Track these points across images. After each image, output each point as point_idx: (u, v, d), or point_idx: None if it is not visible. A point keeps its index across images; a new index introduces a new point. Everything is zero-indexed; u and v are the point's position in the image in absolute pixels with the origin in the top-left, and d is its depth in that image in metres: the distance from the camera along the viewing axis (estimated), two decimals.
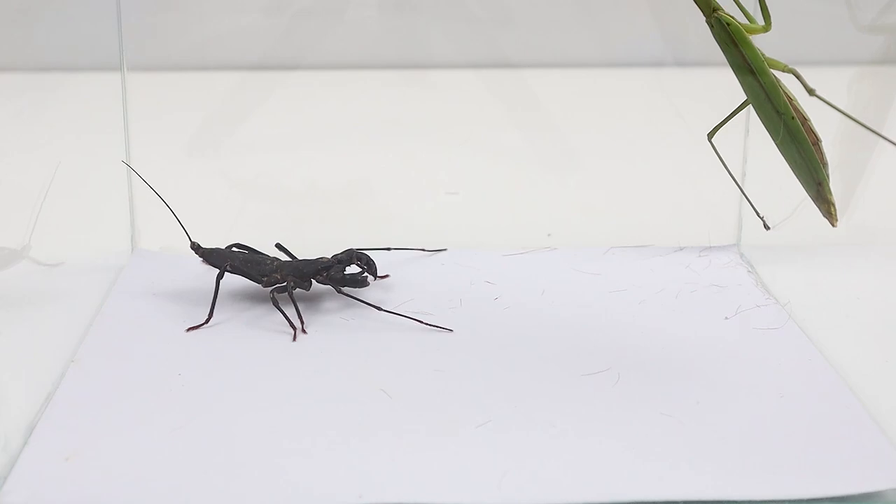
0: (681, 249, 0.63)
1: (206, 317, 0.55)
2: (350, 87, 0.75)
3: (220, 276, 0.56)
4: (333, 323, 0.55)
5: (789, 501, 0.42)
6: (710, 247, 0.63)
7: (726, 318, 0.55)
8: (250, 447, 0.45)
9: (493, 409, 0.47)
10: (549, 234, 0.63)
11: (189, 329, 0.54)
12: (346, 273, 0.57)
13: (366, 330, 0.54)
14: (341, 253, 0.58)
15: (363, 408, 0.47)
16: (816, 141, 0.48)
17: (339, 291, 0.57)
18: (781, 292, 0.58)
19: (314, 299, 0.58)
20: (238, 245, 0.59)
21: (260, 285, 0.57)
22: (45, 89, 0.65)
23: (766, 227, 0.54)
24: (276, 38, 0.72)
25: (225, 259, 0.58)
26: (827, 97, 0.69)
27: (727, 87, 0.65)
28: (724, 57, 0.51)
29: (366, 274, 0.58)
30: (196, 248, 0.59)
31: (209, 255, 0.58)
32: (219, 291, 0.55)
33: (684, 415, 0.47)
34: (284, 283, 0.57)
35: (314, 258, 0.58)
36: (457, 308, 0.57)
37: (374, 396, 0.48)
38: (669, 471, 0.43)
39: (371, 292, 0.58)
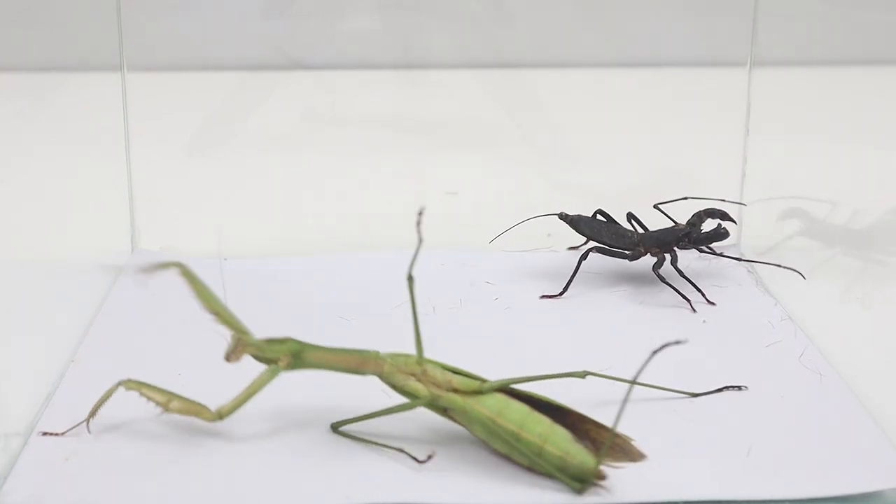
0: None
1: (562, 290, 0.57)
2: (350, 87, 0.75)
3: (584, 256, 0.57)
4: (333, 323, 0.55)
5: (789, 501, 0.42)
6: (711, 247, 0.63)
7: (726, 318, 0.55)
8: (249, 447, 0.45)
9: None
10: (549, 235, 0.63)
11: (542, 297, 0.57)
12: (703, 231, 0.58)
13: (366, 329, 0.54)
14: (692, 217, 0.59)
15: (362, 406, 0.47)
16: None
17: (703, 251, 0.59)
18: (781, 292, 0.58)
19: (314, 300, 0.58)
20: (601, 212, 0.60)
21: (626, 259, 0.59)
22: (45, 89, 0.65)
23: None
24: (276, 38, 0.72)
25: (593, 232, 0.58)
26: (828, 96, 0.69)
27: (726, 88, 0.65)
28: (724, 57, 0.51)
29: (724, 226, 0.58)
30: (564, 216, 0.59)
31: (577, 224, 0.59)
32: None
33: (685, 415, 0.47)
34: (656, 259, 0.58)
35: (668, 227, 0.59)
36: (457, 308, 0.57)
37: (374, 396, 0.48)
38: (670, 471, 0.43)
39: (370, 291, 0.58)
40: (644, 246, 0.58)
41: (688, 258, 0.60)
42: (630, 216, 0.60)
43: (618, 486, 0.42)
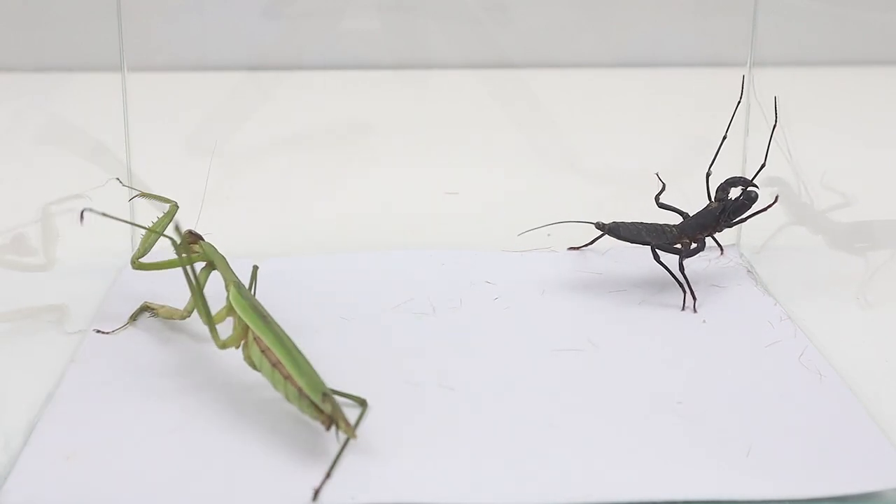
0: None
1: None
2: (350, 87, 0.75)
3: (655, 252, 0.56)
4: (334, 323, 0.55)
5: (789, 501, 0.42)
6: (711, 247, 0.63)
7: (726, 318, 0.55)
8: (249, 447, 0.45)
9: (493, 409, 0.47)
10: (549, 234, 0.63)
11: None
12: (737, 203, 0.57)
13: (365, 329, 0.54)
14: (717, 192, 0.58)
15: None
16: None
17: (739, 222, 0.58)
18: (781, 292, 0.58)
19: (314, 300, 0.58)
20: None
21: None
22: (45, 89, 0.65)
23: None
24: (276, 39, 0.72)
25: (634, 236, 0.57)
26: (827, 96, 0.69)
27: (726, 88, 0.65)
28: (724, 57, 0.51)
29: (750, 189, 0.57)
30: (601, 226, 0.58)
31: (617, 231, 0.57)
32: None
33: (685, 415, 0.47)
34: (682, 251, 0.57)
35: (701, 210, 0.58)
36: (457, 308, 0.57)
37: (374, 397, 0.48)
38: (670, 471, 0.43)
39: (370, 291, 0.58)
40: (686, 235, 0.57)
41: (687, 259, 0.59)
42: (661, 205, 0.59)
43: (618, 485, 0.42)
